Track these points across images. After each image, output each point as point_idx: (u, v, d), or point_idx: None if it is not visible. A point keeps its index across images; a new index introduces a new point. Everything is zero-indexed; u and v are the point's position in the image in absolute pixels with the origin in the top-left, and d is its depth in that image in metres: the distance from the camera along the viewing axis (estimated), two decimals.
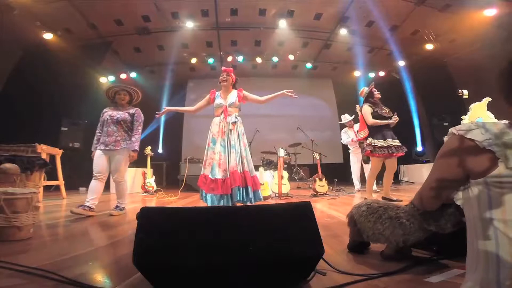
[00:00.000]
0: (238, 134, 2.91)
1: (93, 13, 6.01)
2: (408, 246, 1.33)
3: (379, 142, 3.40)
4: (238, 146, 2.85)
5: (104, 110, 3.19)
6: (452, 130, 0.76)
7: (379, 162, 3.48)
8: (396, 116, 3.49)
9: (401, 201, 3.27)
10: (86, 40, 6.70)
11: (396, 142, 3.42)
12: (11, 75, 6.30)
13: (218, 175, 2.71)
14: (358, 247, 1.51)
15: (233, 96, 3.04)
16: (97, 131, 3.14)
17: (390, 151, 3.35)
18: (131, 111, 3.16)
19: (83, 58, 6.83)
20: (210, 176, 2.74)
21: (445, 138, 0.81)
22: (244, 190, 2.75)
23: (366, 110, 3.56)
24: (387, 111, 3.57)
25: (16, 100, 6.05)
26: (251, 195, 2.77)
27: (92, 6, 5.78)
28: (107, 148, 2.98)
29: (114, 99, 3.20)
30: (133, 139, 3.07)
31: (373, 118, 3.49)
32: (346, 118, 5.78)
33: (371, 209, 1.40)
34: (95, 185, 2.95)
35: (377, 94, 3.66)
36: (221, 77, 3.06)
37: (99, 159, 2.98)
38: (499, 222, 0.62)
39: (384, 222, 1.32)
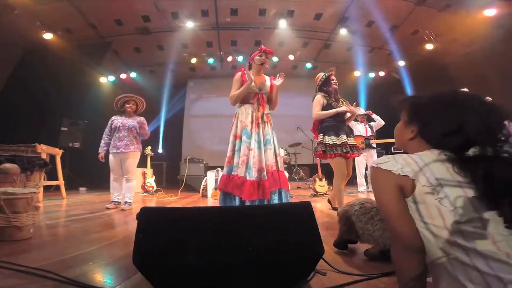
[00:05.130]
0: (272, 127, 2.48)
1: (93, 13, 6.01)
2: None
3: (331, 139, 2.73)
4: (274, 142, 2.43)
5: (113, 118, 3.62)
6: (372, 164, 0.84)
7: (338, 164, 2.73)
8: (349, 106, 2.80)
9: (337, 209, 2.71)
10: (86, 40, 6.69)
11: (351, 141, 2.79)
12: (11, 75, 6.30)
13: (254, 176, 2.26)
14: (343, 244, 1.51)
15: (266, 83, 2.56)
16: (104, 135, 3.58)
17: (344, 150, 2.68)
18: (138, 119, 3.64)
19: (83, 58, 6.84)
20: (248, 177, 2.24)
21: (368, 172, 0.86)
22: (281, 194, 2.35)
23: (316, 100, 2.86)
24: (341, 105, 2.86)
25: (16, 100, 6.05)
26: (286, 198, 2.37)
27: (92, 6, 5.78)
28: (119, 151, 3.45)
29: (122, 108, 3.60)
30: (145, 132, 3.67)
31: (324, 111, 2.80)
32: (361, 111, 5.44)
33: (363, 209, 1.38)
34: (116, 185, 3.57)
35: (334, 84, 2.93)
36: (262, 58, 2.51)
37: (113, 162, 3.50)
38: (431, 226, 0.70)
39: (375, 224, 1.31)
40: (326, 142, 2.74)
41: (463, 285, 0.63)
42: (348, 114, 2.89)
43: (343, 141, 2.72)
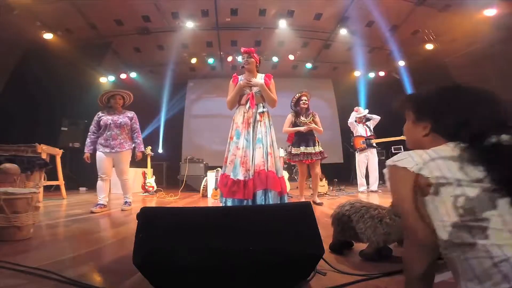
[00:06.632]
0: (266, 126, 2.49)
1: (93, 13, 6.00)
2: (388, 246, 1.36)
3: (294, 150, 3.71)
4: (266, 141, 2.44)
5: (100, 114, 3.32)
6: (388, 162, 0.82)
7: (300, 167, 3.86)
8: (308, 125, 3.67)
9: (321, 204, 3.63)
10: (86, 40, 6.68)
11: (309, 150, 3.64)
12: (11, 75, 6.30)
13: (240, 175, 2.28)
14: (339, 247, 1.53)
15: (260, 82, 2.58)
16: (90, 133, 3.32)
17: (299, 158, 3.64)
18: (129, 115, 3.38)
19: (83, 58, 6.82)
20: (232, 176, 2.31)
21: (385, 171, 0.83)
22: (267, 195, 2.30)
23: (287, 118, 3.79)
24: (306, 121, 3.71)
25: (16, 100, 6.04)
26: (274, 200, 2.29)
27: (92, 6, 5.77)
28: (113, 151, 3.20)
29: (109, 104, 3.32)
30: (138, 141, 3.38)
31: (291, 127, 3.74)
32: (360, 111, 5.48)
33: (354, 209, 1.42)
34: (103, 185, 3.25)
35: (303, 104, 3.73)
36: (244, 60, 2.60)
37: (104, 161, 3.21)
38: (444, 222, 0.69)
39: (366, 221, 1.34)
40: (292, 152, 3.72)
41: (473, 270, 0.64)
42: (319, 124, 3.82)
43: (300, 151, 3.65)
